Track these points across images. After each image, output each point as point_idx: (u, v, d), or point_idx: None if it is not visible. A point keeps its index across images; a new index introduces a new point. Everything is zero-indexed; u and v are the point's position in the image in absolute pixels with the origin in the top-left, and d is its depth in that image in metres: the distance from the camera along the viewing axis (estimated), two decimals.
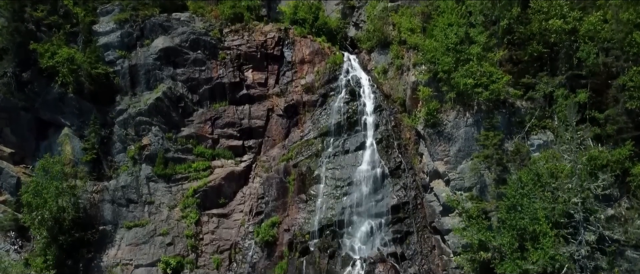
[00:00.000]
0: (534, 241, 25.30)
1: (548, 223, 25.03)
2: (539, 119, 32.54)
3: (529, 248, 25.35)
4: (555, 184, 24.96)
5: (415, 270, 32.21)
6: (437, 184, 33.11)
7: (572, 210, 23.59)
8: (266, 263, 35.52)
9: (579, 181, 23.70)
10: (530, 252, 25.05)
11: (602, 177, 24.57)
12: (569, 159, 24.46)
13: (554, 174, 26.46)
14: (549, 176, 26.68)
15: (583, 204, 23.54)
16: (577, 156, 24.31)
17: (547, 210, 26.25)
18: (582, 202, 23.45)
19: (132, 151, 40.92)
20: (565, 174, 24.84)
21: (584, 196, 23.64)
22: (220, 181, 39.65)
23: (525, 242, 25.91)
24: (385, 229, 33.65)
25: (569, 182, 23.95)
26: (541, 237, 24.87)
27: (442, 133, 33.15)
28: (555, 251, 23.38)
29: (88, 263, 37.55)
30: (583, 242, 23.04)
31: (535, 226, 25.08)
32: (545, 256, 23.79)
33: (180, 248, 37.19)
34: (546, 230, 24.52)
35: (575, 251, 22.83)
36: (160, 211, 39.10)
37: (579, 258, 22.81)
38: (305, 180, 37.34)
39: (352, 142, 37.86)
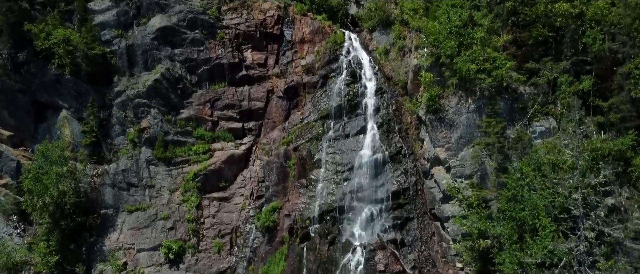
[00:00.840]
0: (533, 233, 25.65)
1: (547, 216, 25.28)
2: (542, 105, 32.39)
3: (528, 240, 25.71)
4: (556, 180, 25.04)
5: (415, 256, 32.75)
6: (438, 170, 33.28)
7: (572, 206, 23.78)
8: (267, 247, 36.15)
9: (580, 177, 23.78)
10: (529, 244, 25.42)
11: (603, 174, 24.63)
12: (570, 154, 24.45)
13: (555, 168, 26.51)
14: (550, 170, 26.72)
15: (583, 200, 23.69)
16: (580, 152, 24.28)
17: (548, 200, 26.46)
18: (582, 197, 23.60)
19: (132, 133, 41.04)
20: (566, 167, 24.86)
21: (585, 193, 23.75)
22: (220, 164, 39.91)
23: (524, 233, 26.26)
24: (386, 215, 34.04)
25: (570, 178, 24.02)
26: (541, 230, 25.19)
27: (443, 119, 33.09)
28: (554, 246, 23.71)
29: (91, 247, 38.27)
30: (582, 237, 23.33)
31: (535, 219, 25.36)
32: (544, 250, 24.16)
33: (182, 232, 37.79)
34: (546, 224, 24.80)
35: (575, 247, 23.14)
36: (161, 195, 39.52)
37: (577, 253, 23.14)
38: (305, 164, 37.55)
39: (353, 126, 37.85)
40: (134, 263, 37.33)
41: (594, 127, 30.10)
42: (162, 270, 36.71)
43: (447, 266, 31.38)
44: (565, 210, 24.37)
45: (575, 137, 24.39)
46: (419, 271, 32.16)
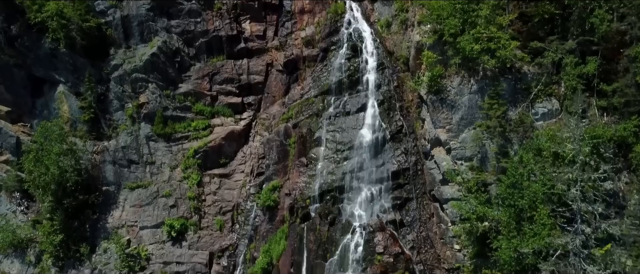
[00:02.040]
0: (531, 222, 26.18)
1: (546, 204, 25.72)
2: (546, 86, 32.17)
3: (525, 228, 26.27)
4: (555, 173, 25.28)
5: (414, 237, 33.56)
6: (438, 152, 33.52)
7: (570, 200, 24.15)
8: (268, 226, 37.04)
9: (579, 172, 24.00)
10: (526, 234, 26.01)
11: (603, 168, 24.84)
12: (571, 148, 24.58)
13: (555, 159, 26.68)
14: (550, 160, 26.91)
15: (582, 194, 24.03)
16: (580, 146, 24.38)
17: (547, 186, 26.82)
18: (581, 192, 23.92)
19: (130, 109, 41.18)
20: (567, 161, 25.01)
21: (584, 189, 24.04)
22: (220, 141, 40.26)
23: (522, 221, 26.81)
24: (385, 196, 34.61)
25: (569, 171, 24.25)
26: (538, 220, 25.70)
27: (445, 100, 32.98)
28: (551, 239, 24.26)
29: (94, 224, 39.26)
30: (579, 230, 23.85)
31: (533, 212, 25.83)
32: (540, 241, 24.76)
33: (184, 210, 38.62)
34: (543, 217, 25.28)
35: (570, 241, 23.69)
36: (162, 172, 40.11)
37: (573, 247, 23.72)
38: (305, 143, 37.81)
39: (353, 103, 37.80)
40: (137, 240, 38.41)
41: (597, 110, 30.03)
42: (165, 247, 37.85)
43: (445, 247, 32.20)
44: (564, 204, 24.75)
45: (577, 131, 24.39)
46: (417, 252, 33.05)
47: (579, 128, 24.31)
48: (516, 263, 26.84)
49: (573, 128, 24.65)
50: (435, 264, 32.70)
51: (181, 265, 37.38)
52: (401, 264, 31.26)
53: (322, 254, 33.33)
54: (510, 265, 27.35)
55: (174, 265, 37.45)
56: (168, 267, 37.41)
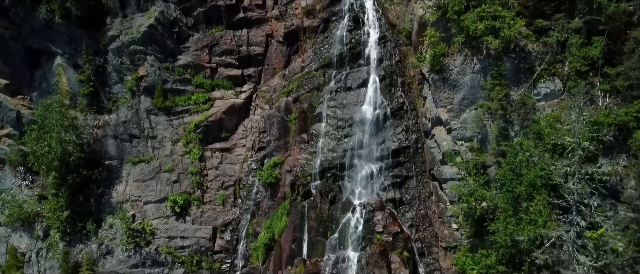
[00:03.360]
0: (527, 209, 26.92)
1: (541, 194, 26.36)
2: (549, 65, 32.08)
3: (522, 215, 27.04)
4: (554, 166, 25.67)
5: (412, 215, 34.47)
6: (439, 131, 33.88)
7: (567, 194, 24.70)
8: (270, 203, 37.94)
9: (577, 167, 24.40)
10: (522, 221, 26.82)
11: (601, 162, 25.22)
12: (571, 141, 24.87)
13: (555, 147, 27.02)
14: (549, 150, 27.27)
15: (579, 184, 24.57)
16: (580, 139, 24.66)
17: (545, 171, 27.35)
18: (577, 185, 24.44)
19: (130, 82, 41.23)
20: (566, 152, 25.36)
21: (580, 184, 24.54)
22: (221, 115, 40.54)
23: (519, 207, 27.54)
24: (385, 173, 35.25)
25: (568, 165, 24.65)
26: (534, 208, 26.42)
27: (447, 80, 33.01)
28: (546, 231, 25.02)
29: (99, 199, 40.25)
30: (574, 222, 24.56)
31: (530, 203, 26.49)
32: (536, 230, 25.56)
33: (186, 185, 39.45)
34: (540, 207, 25.95)
35: (565, 232, 24.44)
36: (164, 146, 40.65)
37: (567, 238, 24.50)
38: (306, 118, 38.08)
39: (355, 79, 37.76)
40: (141, 215, 39.50)
41: (600, 92, 30.08)
42: (170, 222, 38.97)
43: (443, 226, 33.19)
44: (560, 196, 25.34)
45: (577, 125, 24.62)
46: (416, 230, 34.09)
47: (580, 122, 24.48)
48: (512, 247, 27.84)
49: (573, 121, 24.82)
50: (433, 242, 33.80)
51: (186, 239, 38.65)
52: (400, 243, 32.33)
53: (322, 231, 34.40)
54: (506, 247, 28.38)
55: (178, 240, 38.71)
56: (173, 241, 38.69)
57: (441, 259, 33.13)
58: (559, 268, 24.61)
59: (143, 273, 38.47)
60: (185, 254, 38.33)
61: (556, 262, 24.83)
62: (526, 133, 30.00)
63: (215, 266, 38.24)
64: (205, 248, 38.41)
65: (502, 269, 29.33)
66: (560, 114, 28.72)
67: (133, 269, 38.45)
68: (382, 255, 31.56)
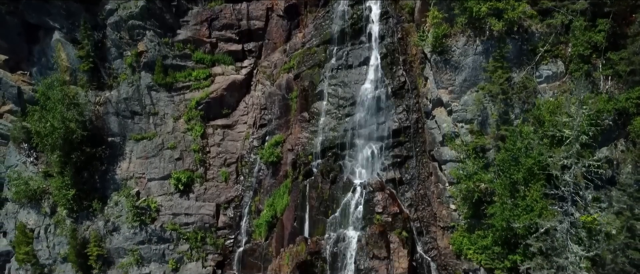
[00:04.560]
0: (524, 196, 27.63)
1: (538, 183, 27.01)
2: (553, 45, 31.99)
3: (518, 201, 27.80)
4: (552, 158, 26.10)
5: (412, 195, 35.27)
6: (440, 112, 34.17)
7: (563, 186, 25.28)
8: (272, 181, 38.77)
9: (575, 160, 24.85)
10: (519, 207, 27.61)
11: (598, 156, 25.63)
12: (569, 133, 25.21)
13: (553, 138, 27.41)
14: (548, 140, 27.66)
15: (575, 178, 25.12)
16: (579, 132, 25.00)
17: (544, 156, 27.91)
18: (573, 179, 24.99)
19: (129, 57, 41.29)
20: (564, 146, 25.74)
21: (577, 180, 25.05)
22: (222, 91, 40.80)
23: (516, 193, 28.25)
24: (386, 153, 35.80)
25: (565, 157, 25.10)
26: (531, 197, 27.13)
27: (449, 61, 33.00)
28: (542, 221, 25.79)
29: (103, 175, 41.14)
30: (569, 212, 25.29)
31: (527, 192, 27.15)
32: (532, 218, 26.37)
33: (189, 162, 40.19)
34: (536, 198, 26.62)
35: (559, 223, 25.20)
36: (165, 123, 41.12)
37: (561, 229, 25.28)
38: (307, 97, 38.30)
39: (356, 56, 37.70)
40: (146, 192, 40.46)
41: (601, 75, 30.18)
42: (174, 199, 39.99)
43: (441, 206, 34.04)
44: (556, 186, 25.96)
45: (576, 119, 24.91)
46: (415, 209, 34.98)
47: (579, 115, 24.79)
48: (507, 230, 28.79)
49: (573, 113, 25.12)
50: (431, 222, 34.77)
51: (190, 216, 39.79)
52: (399, 223, 33.31)
53: (323, 211, 35.37)
54: (502, 230, 29.34)
55: (182, 216, 39.86)
56: (177, 218, 39.85)
57: (439, 239, 34.19)
58: (552, 255, 25.55)
59: (149, 249, 39.90)
60: (189, 230, 39.60)
61: (550, 249, 25.76)
62: (526, 118, 30.31)
63: (219, 241, 39.60)
64: (209, 225, 39.64)
65: (498, 250, 30.41)
66: (561, 102, 28.88)
67: (139, 246, 39.86)
68: (381, 236, 32.62)
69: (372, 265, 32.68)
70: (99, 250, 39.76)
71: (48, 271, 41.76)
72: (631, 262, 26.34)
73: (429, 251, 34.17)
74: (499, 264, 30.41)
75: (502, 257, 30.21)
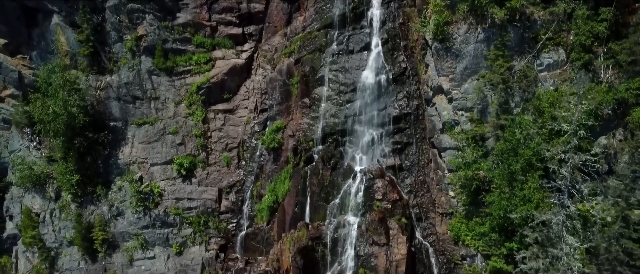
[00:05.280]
0: (522, 187, 28.18)
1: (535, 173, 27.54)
2: (555, 33, 32.04)
3: (516, 191, 28.37)
4: (549, 152, 26.49)
5: (411, 181, 35.84)
6: (440, 99, 34.43)
7: (560, 180, 25.75)
8: (273, 166, 39.33)
9: (572, 154, 25.22)
10: (516, 197, 28.22)
11: (595, 150, 26.00)
12: (567, 128, 25.53)
13: (551, 132, 27.79)
14: (547, 132, 28.03)
15: (571, 173, 25.57)
16: (577, 126, 25.32)
17: (542, 147, 28.37)
18: (570, 173, 25.44)
19: (129, 41, 41.32)
20: (562, 140, 26.09)
21: (574, 175, 25.47)
22: (222, 76, 40.97)
23: (514, 182, 28.80)
24: (386, 140, 36.23)
25: (563, 151, 25.46)
26: (528, 188, 27.69)
27: (450, 49, 33.09)
28: (538, 213, 26.39)
29: (106, 160, 41.68)
30: (565, 204, 25.84)
31: (524, 184, 27.68)
32: (529, 209, 26.98)
33: (191, 147, 40.69)
34: (533, 190, 27.16)
35: (554, 215, 25.79)
36: (167, 107, 41.44)
37: (557, 221, 25.89)
38: (308, 82, 38.48)
39: (357, 41, 37.73)
40: (149, 177, 41.11)
41: (602, 64, 30.35)
42: (176, 184, 40.66)
43: (440, 193, 34.65)
44: (553, 179, 26.46)
45: (575, 114, 25.20)
46: (414, 195, 35.63)
47: (578, 111, 25.09)
48: (504, 219, 29.49)
49: (572, 107, 25.41)
50: (430, 208, 35.46)
51: (192, 201, 40.54)
52: (398, 210, 34.00)
53: (324, 197, 36.06)
54: (500, 219, 30.05)
55: (185, 201, 40.61)
56: (180, 203, 40.61)
57: (437, 224, 34.95)
58: (548, 245, 26.27)
59: (153, 233, 40.81)
60: (192, 215, 40.43)
61: (545, 240, 26.47)
62: (526, 107, 30.63)
63: (221, 225, 40.47)
64: (212, 209, 40.44)
65: (495, 237, 31.18)
66: (561, 92, 29.14)
67: (144, 230, 40.77)
68: (381, 222, 33.37)
69: (372, 251, 33.55)
70: (104, 234, 40.69)
71: (54, 255, 42.80)
72: (624, 250, 27.12)
73: (427, 237, 34.99)
74: (495, 251, 31.22)
75: (499, 244, 31.00)
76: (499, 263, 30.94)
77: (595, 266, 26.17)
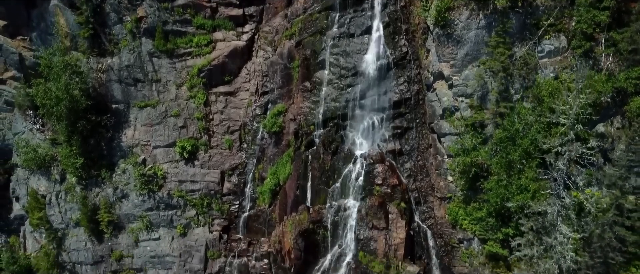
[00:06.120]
0: (519, 176, 28.88)
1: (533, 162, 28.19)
2: (556, 19, 32.10)
3: (513, 180, 29.09)
4: (546, 146, 26.99)
5: (411, 165, 36.51)
6: (440, 85, 34.74)
7: (556, 172, 26.37)
8: (274, 150, 39.95)
9: (568, 147, 25.74)
10: (513, 185, 28.95)
11: (592, 144, 26.47)
12: (565, 120, 25.97)
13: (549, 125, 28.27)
14: (545, 123, 28.50)
15: (568, 166, 26.17)
16: (575, 119, 25.76)
17: (540, 135, 28.95)
18: (566, 165, 26.02)
19: (129, 23, 41.37)
20: (559, 133, 26.55)
21: (569, 169, 26.03)
22: (223, 58, 41.17)
23: (512, 171, 29.48)
24: (386, 124, 36.71)
25: (560, 144, 25.96)
26: (525, 177, 28.37)
27: (451, 35, 33.19)
28: (534, 204, 27.15)
29: (109, 142, 42.36)
30: (561, 195, 26.55)
31: (522, 170, 28.33)
32: (525, 198, 27.75)
33: (193, 130, 41.25)
34: (530, 180, 27.84)
35: (549, 207, 26.52)
36: (168, 90, 41.78)
37: (552, 211, 26.64)
38: (309, 65, 38.69)
39: (358, 25, 37.73)
40: (152, 159, 41.83)
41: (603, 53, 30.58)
42: (179, 166, 41.41)
43: (439, 178, 35.38)
44: (548, 170, 27.12)
45: (573, 108, 25.61)
46: (414, 179, 36.37)
47: (576, 105, 25.50)
48: (501, 207, 30.33)
49: (571, 102, 25.82)
50: (429, 192, 36.26)
51: (195, 183, 41.37)
52: (398, 194, 34.81)
53: (325, 180, 36.83)
54: (496, 205, 30.90)
55: (188, 183, 41.45)
56: (183, 185, 41.46)
57: (436, 208, 35.83)
58: (543, 233, 27.15)
59: (158, 215, 41.84)
60: (195, 197, 41.36)
61: (540, 228, 27.35)
62: (526, 95, 31.00)
63: (224, 207, 41.43)
64: (215, 191, 41.32)
65: (492, 222, 32.11)
66: (561, 79, 29.46)
67: (148, 212, 41.79)
68: (380, 207, 34.22)
69: (371, 235, 34.54)
70: (109, 216, 41.76)
71: (62, 235, 44.01)
72: (617, 237, 28.01)
73: (426, 220, 35.91)
74: (492, 236, 32.22)
75: (495, 229, 31.96)
76: (495, 247, 32.00)
77: (587, 254, 27.07)
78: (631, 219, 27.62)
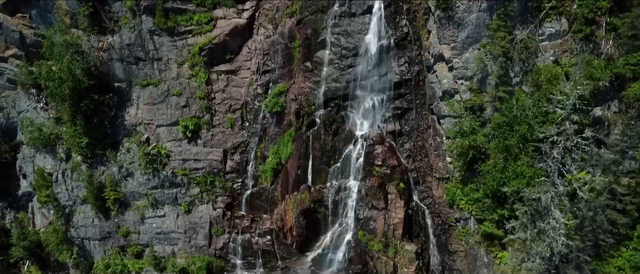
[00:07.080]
0: (515, 162, 29.73)
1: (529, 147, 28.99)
2: (558, 1, 32.23)
3: (510, 163, 29.96)
4: (542, 136, 27.61)
5: (410, 146, 37.32)
6: (441, 67, 35.13)
7: (551, 161, 27.12)
8: (276, 129, 40.67)
9: (564, 139, 26.40)
10: (509, 170, 29.84)
11: (588, 134, 27.08)
12: (561, 113, 26.52)
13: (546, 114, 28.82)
14: (543, 113, 29.06)
15: (562, 155, 26.91)
16: (572, 110, 26.31)
17: (537, 120, 29.64)
18: (562, 154, 26.76)
19: (129, 1, 41.26)
20: (556, 122, 27.13)
21: (564, 160, 26.75)
22: (224, 37, 41.35)
23: (509, 156, 30.31)
24: (387, 105, 37.31)
25: (556, 134, 26.58)
26: (521, 163, 29.20)
27: (452, 18, 33.37)
28: (530, 189, 28.03)
29: (113, 121, 43.05)
30: (555, 182, 27.41)
31: (517, 161, 29.10)
32: (521, 183, 28.66)
33: (195, 109, 41.85)
34: (525, 167, 28.65)
35: (543, 194, 27.41)
36: (170, 68, 42.15)
37: (546, 197, 27.56)
38: (310, 45, 38.96)
39: (359, 4, 37.78)
40: (155, 138, 42.62)
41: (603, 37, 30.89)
42: (182, 145, 42.25)
43: (438, 159, 36.24)
44: (543, 159, 27.90)
45: (570, 98, 26.13)
46: (413, 160, 37.26)
47: (573, 97, 26.03)
48: (497, 190, 31.34)
49: (568, 92, 26.33)
50: (427, 172, 37.22)
51: (199, 162, 42.32)
52: (397, 175, 35.79)
53: (326, 160, 37.76)
54: (493, 187, 31.91)
55: (192, 162, 42.39)
56: (186, 163, 42.41)
57: (434, 188, 36.88)
58: (537, 218, 28.23)
59: (162, 193, 43.00)
60: (199, 175, 42.38)
61: (534, 213, 28.40)
62: (525, 80, 31.48)
63: (227, 185, 42.54)
64: (218, 170, 42.32)
65: (488, 203, 33.21)
66: (562, 65, 29.88)
67: (153, 190, 42.95)
68: (380, 187, 35.28)
69: (371, 215, 35.74)
70: (115, 194, 42.95)
71: (69, 212, 45.33)
72: (609, 220, 29.13)
73: (424, 200, 37.05)
74: (488, 216, 33.39)
75: (491, 210, 33.09)
76: (490, 227, 33.22)
77: (579, 237, 28.22)
78: (623, 203, 28.71)
